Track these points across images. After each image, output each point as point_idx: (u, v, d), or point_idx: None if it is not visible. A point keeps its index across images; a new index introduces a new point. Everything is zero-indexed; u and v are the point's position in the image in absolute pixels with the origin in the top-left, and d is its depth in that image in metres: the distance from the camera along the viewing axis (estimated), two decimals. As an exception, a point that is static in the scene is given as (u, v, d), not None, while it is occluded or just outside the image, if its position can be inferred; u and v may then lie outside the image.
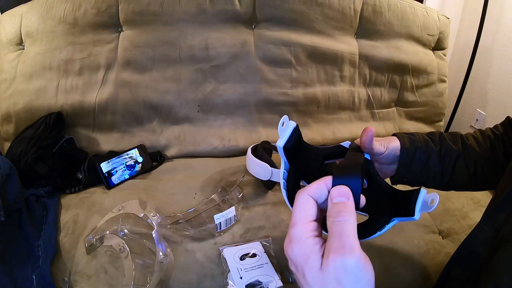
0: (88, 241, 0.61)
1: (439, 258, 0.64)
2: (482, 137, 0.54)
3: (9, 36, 0.97)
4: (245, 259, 0.59)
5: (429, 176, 0.53)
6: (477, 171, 0.52)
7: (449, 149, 0.53)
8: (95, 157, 0.91)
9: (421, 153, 0.52)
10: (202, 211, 0.63)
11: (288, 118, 0.40)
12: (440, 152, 0.53)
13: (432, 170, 0.53)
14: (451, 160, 0.52)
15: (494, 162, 0.51)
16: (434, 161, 0.52)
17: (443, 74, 1.22)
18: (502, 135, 0.53)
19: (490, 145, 0.53)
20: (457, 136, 0.55)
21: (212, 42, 0.94)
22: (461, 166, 0.52)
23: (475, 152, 0.52)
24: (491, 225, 0.40)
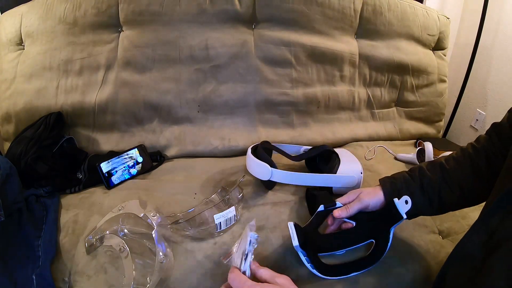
0: (88, 241, 0.61)
1: (439, 258, 0.64)
2: (463, 157, 0.57)
3: (9, 36, 0.97)
4: None
5: (420, 209, 0.58)
6: (464, 191, 0.55)
7: (428, 180, 0.57)
8: (95, 157, 0.91)
9: (403, 193, 0.57)
10: (202, 211, 0.63)
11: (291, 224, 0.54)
12: (422, 186, 0.57)
13: (420, 204, 0.57)
14: (435, 190, 0.56)
15: (478, 178, 0.54)
16: (419, 196, 0.57)
17: (443, 74, 1.22)
18: (484, 147, 0.55)
19: (470, 163, 0.56)
20: (436, 164, 0.59)
21: (212, 42, 0.95)
22: (446, 192, 0.56)
23: (457, 175, 0.56)
24: (485, 228, 0.40)
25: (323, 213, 0.62)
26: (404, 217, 0.54)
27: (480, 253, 0.39)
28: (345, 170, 0.74)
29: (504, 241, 0.36)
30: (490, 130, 0.58)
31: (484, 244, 0.39)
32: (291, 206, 0.72)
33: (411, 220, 0.71)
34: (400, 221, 0.55)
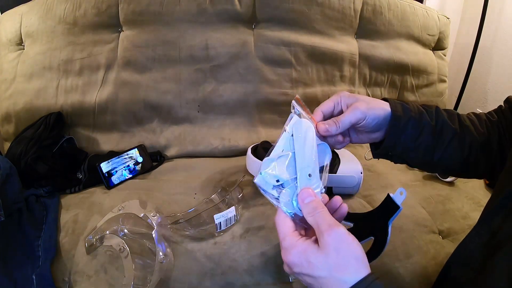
0: (88, 241, 0.61)
1: (439, 258, 0.64)
2: (478, 121, 0.50)
3: (9, 36, 0.97)
4: None
5: (418, 153, 0.48)
6: (471, 156, 0.48)
7: (445, 125, 0.47)
8: (95, 157, 0.91)
9: (414, 125, 0.46)
10: (202, 211, 0.63)
11: None
12: (435, 127, 0.47)
13: (423, 146, 0.47)
14: (445, 138, 0.47)
15: (488, 148, 0.48)
16: (427, 136, 0.47)
17: (443, 74, 1.22)
18: (497, 122, 0.49)
19: (486, 130, 0.48)
20: (454, 114, 0.50)
21: (212, 42, 0.94)
22: (455, 147, 0.47)
23: (471, 135, 0.48)
24: (487, 228, 0.39)
25: None
26: (401, 207, 0.52)
27: (482, 254, 0.38)
28: (345, 170, 0.74)
29: (506, 241, 0.35)
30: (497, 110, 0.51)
31: (485, 245, 0.39)
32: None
33: (411, 220, 0.71)
34: (397, 213, 0.53)
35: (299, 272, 0.35)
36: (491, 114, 0.51)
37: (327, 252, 0.33)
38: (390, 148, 0.47)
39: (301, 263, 0.34)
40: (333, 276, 0.32)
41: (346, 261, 0.32)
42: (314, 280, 0.33)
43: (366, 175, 0.76)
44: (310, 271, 0.33)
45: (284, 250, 0.36)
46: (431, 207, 0.77)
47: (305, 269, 0.34)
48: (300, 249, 0.34)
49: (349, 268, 0.32)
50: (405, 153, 0.48)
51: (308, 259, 0.33)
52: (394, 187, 0.70)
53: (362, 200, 0.77)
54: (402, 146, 0.47)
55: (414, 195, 0.80)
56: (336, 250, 0.33)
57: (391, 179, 0.87)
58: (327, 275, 0.32)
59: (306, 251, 0.34)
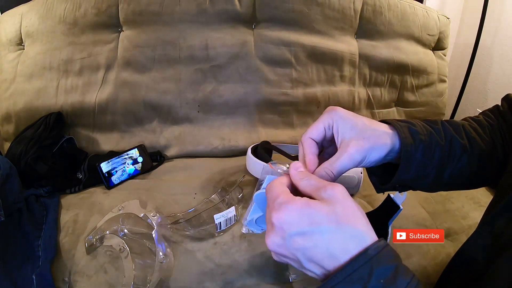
0: (88, 241, 0.61)
1: (439, 258, 0.64)
2: (481, 129, 0.45)
3: (9, 36, 0.97)
4: None
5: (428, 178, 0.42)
6: (479, 168, 0.43)
7: (454, 142, 0.41)
8: (95, 157, 0.91)
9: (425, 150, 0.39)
10: (202, 211, 0.63)
11: None
12: (445, 147, 0.41)
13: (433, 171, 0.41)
14: (455, 156, 0.41)
15: (494, 157, 0.43)
16: (437, 159, 0.40)
17: (443, 74, 1.22)
18: (498, 126, 0.45)
19: (490, 138, 0.44)
20: (459, 126, 0.43)
21: (212, 42, 0.94)
22: (465, 164, 0.42)
23: (479, 146, 0.42)
24: (489, 231, 0.38)
25: None
26: (401, 207, 0.52)
27: (484, 257, 0.38)
28: (345, 170, 0.74)
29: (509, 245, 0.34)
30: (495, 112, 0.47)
31: (487, 248, 0.38)
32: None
33: (411, 220, 0.71)
34: (397, 213, 0.53)
35: (296, 232, 0.28)
36: (489, 118, 0.47)
37: (333, 202, 0.28)
38: (398, 181, 0.41)
39: (300, 218, 0.28)
40: (343, 228, 0.28)
41: (356, 213, 0.29)
42: (316, 239, 0.28)
43: (366, 175, 0.76)
44: (313, 226, 0.28)
45: (278, 207, 0.29)
46: (431, 207, 0.77)
47: (305, 226, 0.28)
48: (299, 204, 0.29)
49: (361, 221, 0.29)
50: (414, 182, 0.42)
51: (310, 212, 0.28)
52: (394, 187, 0.69)
53: (362, 200, 0.77)
54: (412, 175, 0.40)
55: (414, 195, 0.80)
56: (342, 202, 0.29)
57: (391, 179, 0.87)
58: (334, 228, 0.28)
59: (308, 204, 0.29)
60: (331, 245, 0.28)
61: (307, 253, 0.28)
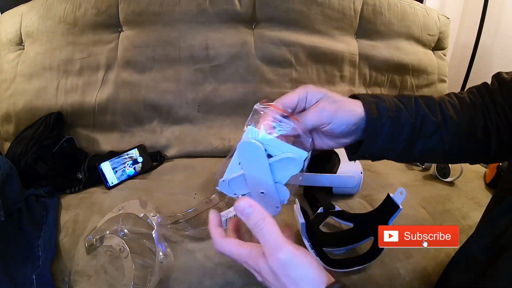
0: (88, 241, 0.61)
1: (439, 258, 0.64)
2: (461, 107, 0.44)
3: (9, 36, 0.97)
4: None
5: (396, 151, 0.43)
6: (453, 147, 0.43)
7: (426, 119, 0.42)
8: (95, 157, 0.91)
9: (392, 126, 0.40)
10: (202, 211, 0.63)
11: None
12: (415, 124, 0.41)
13: (402, 145, 0.42)
14: (426, 133, 0.42)
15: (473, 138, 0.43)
16: (407, 134, 0.41)
17: (443, 74, 1.22)
18: (482, 106, 0.44)
19: (469, 118, 0.43)
20: (435, 103, 0.44)
21: (212, 42, 0.94)
22: (437, 141, 0.42)
23: (455, 125, 0.42)
24: (490, 231, 0.38)
25: (323, 215, 0.62)
26: (401, 207, 0.53)
27: (485, 256, 0.38)
28: (345, 170, 0.74)
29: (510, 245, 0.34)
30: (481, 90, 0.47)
31: (488, 248, 0.38)
32: (291, 205, 0.72)
33: (410, 220, 0.71)
34: (397, 213, 0.54)
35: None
36: (474, 96, 0.46)
37: (277, 276, 0.31)
38: (366, 152, 0.42)
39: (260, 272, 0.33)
40: None
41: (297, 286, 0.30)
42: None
43: (366, 175, 0.76)
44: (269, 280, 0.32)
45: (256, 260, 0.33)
46: (431, 207, 0.77)
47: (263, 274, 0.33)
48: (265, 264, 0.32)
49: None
50: (382, 153, 0.43)
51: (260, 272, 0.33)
52: (394, 187, 0.69)
53: (362, 200, 0.77)
54: (379, 147, 0.41)
55: (414, 195, 0.80)
56: (285, 276, 0.30)
57: (391, 179, 0.87)
58: None
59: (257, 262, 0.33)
60: None
61: None
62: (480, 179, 0.93)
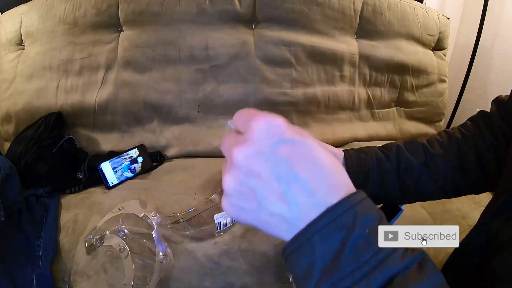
0: (88, 241, 0.61)
1: (439, 258, 0.64)
2: (448, 142, 0.48)
3: (9, 36, 0.97)
4: None
5: (389, 195, 0.48)
6: (446, 183, 0.47)
7: (409, 163, 0.46)
8: (95, 157, 0.91)
9: (374, 174, 0.46)
10: (202, 211, 0.63)
11: None
12: (399, 169, 0.47)
13: (391, 190, 0.47)
14: (414, 176, 0.47)
15: (464, 170, 0.46)
16: (392, 180, 0.46)
17: (443, 74, 1.22)
18: (474, 136, 0.47)
19: (458, 152, 0.47)
20: (419, 145, 0.48)
21: (212, 42, 0.94)
22: (426, 180, 0.47)
23: (443, 162, 0.46)
24: (484, 233, 0.38)
25: None
26: (402, 209, 0.53)
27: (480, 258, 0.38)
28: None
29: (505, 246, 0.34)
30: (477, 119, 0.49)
31: (483, 248, 0.38)
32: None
33: (411, 220, 0.71)
34: (398, 214, 0.54)
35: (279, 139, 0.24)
36: (466, 127, 0.49)
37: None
38: None
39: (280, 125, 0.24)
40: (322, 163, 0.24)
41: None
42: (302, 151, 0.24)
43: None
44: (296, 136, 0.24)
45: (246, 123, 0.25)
46: (431, 207, 0.77)
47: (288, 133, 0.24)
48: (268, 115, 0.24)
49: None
50: (374, 198, 0.46)
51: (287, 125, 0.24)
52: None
53: (362, 200, 0.77)
54: (369, 193, 0.44)
55: (414, 195, 0.80)
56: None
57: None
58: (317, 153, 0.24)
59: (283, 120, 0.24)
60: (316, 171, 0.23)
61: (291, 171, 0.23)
62: (480, 179, 0.93)
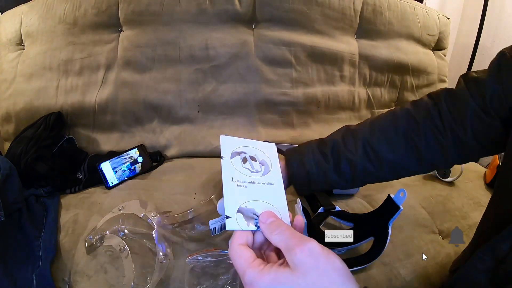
0: (88, 241, 0.61)
1: (439, 258, 0.64)
2: (395, 131, 0.48)
3: (9, 36, 0.97)
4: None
5: (337, 187, 0.52)
6: (394, 171, 0.49)
7: (348, 160, 0.48)
8: (95, 157, 0.91)
9: (315, 175, 0.50)
10: (202, 212, 0.63)
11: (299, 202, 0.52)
12: (339, 167, 0.49)
13: (336, 184, 0.51)
14: (357, 170, 0.48)
15: (414, 159, 0.48)
16: (333, 177, 0.50)
17: (443, 74, 1.22)
18: (427, 123, 0.47)
19: (405, 142, 0.47)
20: (357, 137, 0.50)
21: (212, 42, 0.94)
22: (371, 170, 0.49)
23: (385, 153, 0.48)
24: (491, 255, 0.37)
25: (323, 215, 0.62)
26: (401, 208, 0.54)
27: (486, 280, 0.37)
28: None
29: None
30: (439, 97, 0.48)
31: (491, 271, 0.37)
32: (291, 205, 0.72)
33: (410, 220, 0.72)
34: (397, 213, 0.54)
35: None
36: (418, 109, 0.48)
37: (304, 271, 0.27)
38: (306, 193, 0.53)
39: None
40: None
41: (329, 277, 0.27)
42: None
43: (366, 175, 0.76)
44: None
45: (249, 287, 0.28)
46: (431, 207, 0.77)
47: None
48: (268, 279, 0.27)
49: (334, 285, 0.27)
50: (325, 189, 0.54)
51: (283, 286, 0.27)
52: (394, 187, 0.69)
53: (362, 200, 0.77)
54: (317, 188, 0.52)
55: (414, 195, 0.80)
56: (314, 268, 0.27)
57: (391, 179, 0.87)
58: None
59: (278, 278, 0.27)
60: None
61: None
62: (480, 179, 0.93)
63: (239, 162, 0.37)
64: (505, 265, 0.36)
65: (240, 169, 0.36)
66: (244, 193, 0.34)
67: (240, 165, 0.37)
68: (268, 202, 0.35)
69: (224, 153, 0.37)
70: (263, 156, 0.39)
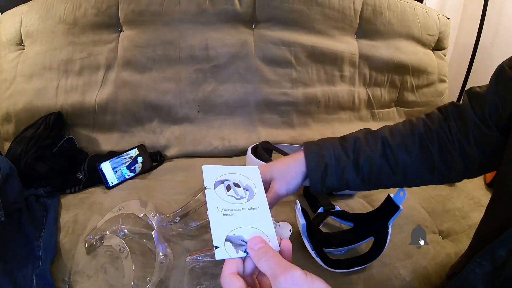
0: (88, 241, 0.61)
1: (439, 259, 0.64)
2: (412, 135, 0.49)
3: (9, 36, 0.97)
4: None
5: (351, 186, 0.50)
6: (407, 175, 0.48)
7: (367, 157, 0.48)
8: (95, 157, 0.91)
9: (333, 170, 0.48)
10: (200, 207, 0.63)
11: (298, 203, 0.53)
12: (357, 163, 0.48)
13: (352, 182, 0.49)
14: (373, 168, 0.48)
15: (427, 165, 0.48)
16: (351, 174, 0.48)
17: (443, 74, 1.22)
18: (438, 130, 0.48)
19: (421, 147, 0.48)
20: (378, 137, 0.50)
21: (212, 42, 0.94)
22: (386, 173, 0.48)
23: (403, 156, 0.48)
24: (489, 260, 0.38)
25: (323, 215, 0.62)
26: (401, 208, 0.54)
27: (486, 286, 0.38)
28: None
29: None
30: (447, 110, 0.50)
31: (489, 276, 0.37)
32: (291, 205, 0.72)
33: (411, 220, 0.72)
34: (397, 213, 0.54)
35: None
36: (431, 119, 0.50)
37: None
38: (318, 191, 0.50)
39: None
40: None
41: None
42: None
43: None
44: None
45: None
46: (431, 207, 0.77)
47: None
48: None
49: None
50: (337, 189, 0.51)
51: None
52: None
53: (362, 200, 0.77)
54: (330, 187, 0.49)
55: (414, 195, 0.80)
56: None
57: (391, 179, 0.87)
58: None
59: None
60: None
61: None
62: (480, 179, 0.93)
63: (223, 191, 0.37)
64: (505, 270, 0.36)
65: (224, 197, 0.37)
66: (231, 221, 0.35)
67: (224, 193, 0.37)
68: (255, 227, 0.35)
69: (208, 183, 0.37)
70: (246, 181, 0.40)
